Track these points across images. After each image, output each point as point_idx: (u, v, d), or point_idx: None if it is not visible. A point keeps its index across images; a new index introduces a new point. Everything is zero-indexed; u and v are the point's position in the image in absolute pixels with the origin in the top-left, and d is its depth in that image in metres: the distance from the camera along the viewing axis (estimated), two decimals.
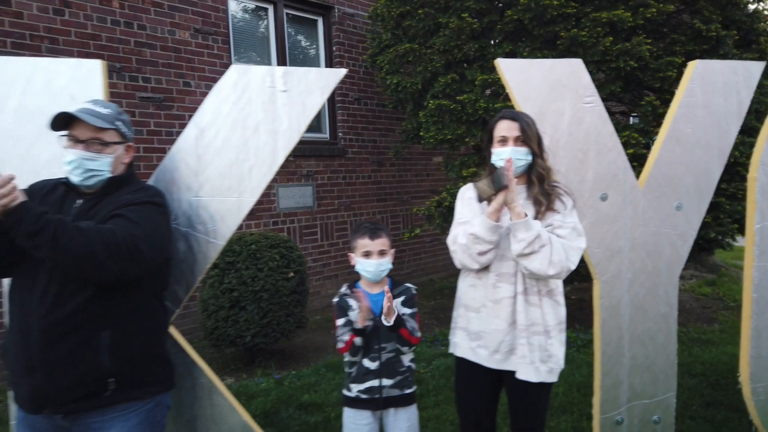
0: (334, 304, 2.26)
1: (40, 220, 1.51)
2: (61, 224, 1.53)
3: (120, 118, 1.84)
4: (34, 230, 1.49)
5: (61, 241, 1.51)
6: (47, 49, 4.31)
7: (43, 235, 1.50)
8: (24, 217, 1.49)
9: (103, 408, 1.70)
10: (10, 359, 1.73)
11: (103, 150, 1.77)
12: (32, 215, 1.50)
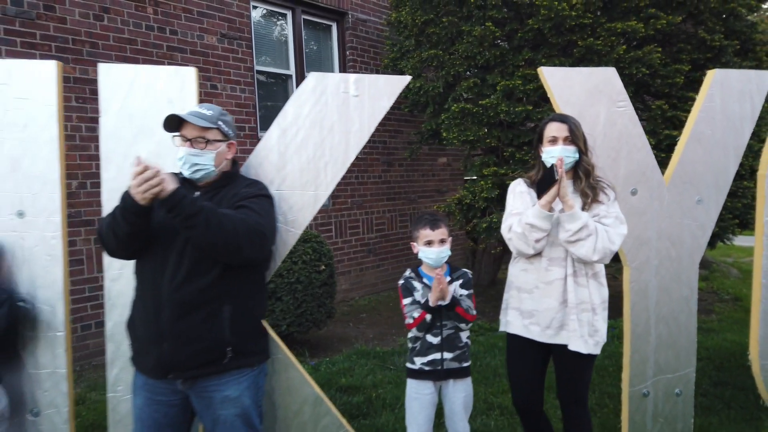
0: (400, 286, 2.51)
1: (196, 205, 1.75)
2: (212, 210, 1.78)
3: (222, 119, 2.06)
4: (191, 213, 1.73)
5: (212, 224, 1.75)
6: (88, 53, 4.51)
7: (198, 218, 1.74)
8: (182, 201, 1.73)
9: (219, 374, 1.94)
10: (138, 330, 1.96)
11: (207, 147, 2.01)
12: (189, 200, 1.75)
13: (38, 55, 4.23)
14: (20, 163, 2.29)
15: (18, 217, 2.31)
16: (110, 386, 2.39)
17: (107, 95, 2.30)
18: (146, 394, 2.00)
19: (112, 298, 2.35)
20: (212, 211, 1.80)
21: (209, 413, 1.97)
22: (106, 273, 2.35)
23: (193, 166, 2.00)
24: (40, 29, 4.24)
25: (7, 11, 4.08)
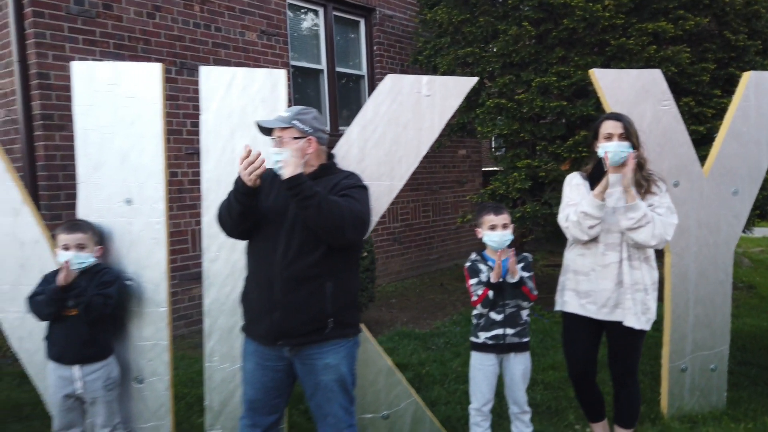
0: (466, 268, 2.76)
1: (312, 189, 2.00)
2: (325, 196, 2.03)
3: (298, 118, 2.24)
4: (308, 195, 1.98)
5: (324, 206, 2.00)
6: (142, 49, 4.73)
7: (313, 200, 1.98)
8: (303, 183, 1.98)
9: (321, 342, 2.19)
10: (251, 302, 2.21)
11: (285, 145, 2.22)
12: (308, 185, 1.99)
13: (98, 52, 4.46)
14: (129, 156, 2.54)
15: (126, 204, 2.56)
16: (207, 357, 2.65)
17: (207, 95, 2.54)
18: (256, 359, 2.25)
19: (210, 277, 2.61)
20: (325, 197, 2.04)
21: (311, 378, 2.23)
22: (204, 255, 2.60)
23: (276, 163, 2.21)
24: (99, 27, 4.47)
25: (70, 10, 4.30)
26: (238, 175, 2.07)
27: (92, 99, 2.51)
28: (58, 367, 2.39)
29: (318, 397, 2.24)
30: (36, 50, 4.15)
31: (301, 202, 2.00)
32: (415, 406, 2.81)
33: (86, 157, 2.53)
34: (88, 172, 2.54)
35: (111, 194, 2.55)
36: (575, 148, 4.59)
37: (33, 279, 2.53)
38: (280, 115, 2.26)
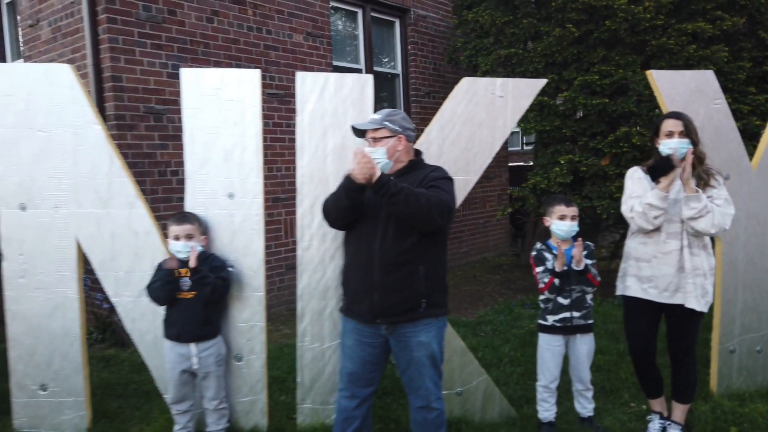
0: (532, 257, 2.99)
1: (398, 186, 2.23)
2: (411, 189, 2.26)
3: (388, 119, 2.48)
4: (395, 191, 2.22)
5: (410, 200, 2.24)
6: (202, 52, 4.99)
7: (399, 196, 2.22)
8: (387, 183, 2.22)
9: (414, 321, 2.43)
10: (352, 285, 2.46)
11: (377, 144, 2.46)
12: (393, 183, 2.23)
13: (164, 55, 4.72)
14: (232, 154, 2.80)
15: (229, 198, 2.82)
16: (299, 337, 2.90)
17: (302, 98, 2.79)
18: (356, 336, 2.50)
19: (303, 264, 2.86)
20: (411, 191, 2.27)
21: (405, 354, 2.47)
22: (299, 244, 2.85)
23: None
24: (164, 32, 4.73)
25: (139, 16, 4.56)
26: (348, 173, 2.31)
27: (199, 102, 2.76)
28: (176, 345, 2.66)
29: (411, 371, 2.49)
30: (110, 54, 4.41)
31: (388, 200, 2.24)
32: (487, 383, 3.06)
33: (193, 155, 2.79)
34: (194, 169, 2.80)
35: (215, 189, 2.80)
36: (616, 143, 4.80)
37: (145, 266, 2.81)
38: (372, 117, 2.50)
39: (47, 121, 2.75)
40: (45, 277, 2.79)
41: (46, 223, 2.78)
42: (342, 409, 2.57)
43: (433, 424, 2.53)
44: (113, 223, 2.80)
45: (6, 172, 2.76)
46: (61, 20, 4.84)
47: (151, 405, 3.26)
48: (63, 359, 2.84)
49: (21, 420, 2.88)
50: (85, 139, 2.76)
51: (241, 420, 2.91)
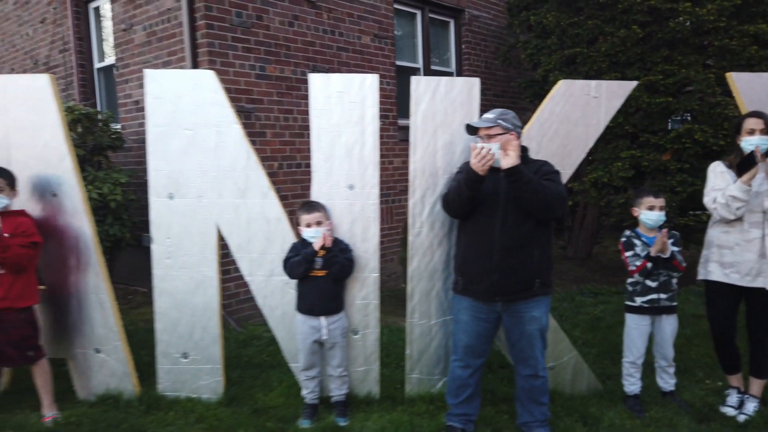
0: (622, 242, 3.27)
1: (528, 176, 2.54)
2: (538, 180, 2.57)
3: (501, 118, 2.76)
4: (527, 180, 2.53)
5: (538, 190, 2.55)
6: (284, 54, 5.34)
7: (530, 185, 2.54)
8: (521, 171, 2.53)
9: (528, 299, 2.74)
10: (470, 266, 2.76)
11: (491, 140, 2.75)
12: (525, 173, 2.53)
13: (252, 58, 5.09)
14: (353, 150, 3.13)
15: (349, 189, 3.15)
16: (409, 314, 3.23)
17: (416, 99, 3.11)
18: (471, 313, 2.82)
19: (414, 248, 3.18)
20: (538, 181, 2.59)
21: (518, 328, 2.79)
22: (410, 230, 3.17)
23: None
24: (253, 36, 5.09)
25: (232, 22, 4.93)
26: (468, 166, 2.62)
27: (326, 104, 3.10)
28: (308, 318, 3.01)
29: (522, 343, 2.80)
30: (208, 58, 4.79)
31: (521, 187, 2.55)
32: (576, 359, 3.35)
33: (319, 151, 3.13)
34: (320, 163, 3.14)
35: (338, 181, 3.14)
36: (678, 139, 5.04)
37: (275, 249, 3.17)
38: (486, 116, 2.80)
39: (193, 120, 3.11)
40: (189, 258, 3.17)
41: (191, 211, 3.15)
42: (456, 377, 2.90)
43: (539, 390, 2.84)
44: (249, 211, 3.16)
45: (157, 165, 3.14)
46: (157, 25, 5.23)
47: (267, 374, 3.63)
48: (203, 331, 3.21)
49: (164, 384, 3.27)
50: (226, 136, 3.12)
51: (356, 388, 3.26)
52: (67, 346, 3.25)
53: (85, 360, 3.24)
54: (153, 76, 3.12)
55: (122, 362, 3.23)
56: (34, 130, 3.13)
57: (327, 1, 5.72)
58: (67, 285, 3.19)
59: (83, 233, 3.14)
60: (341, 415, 3.04)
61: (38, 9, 7.04)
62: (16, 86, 3.14)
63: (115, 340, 3.21)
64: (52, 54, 6.85)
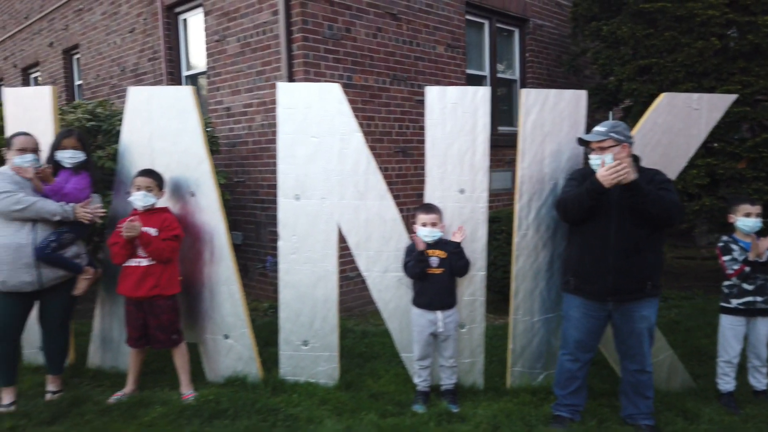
0: (719, 247, 3.43)
1: (646, 189, 2.73)
2: (655, 192, 2.76)
3: (613, 130, 2.93)
4: (645, 194, 2.73)
5: (656, 201, 2.74)
6: (368, 65, 5.63)
7: (648, 198, 2.73)
8: (639, 186, 2.72)
9: (640, 300, 2.93)
10: (585, 268, 2.96)
11: (604, 152, 2.92)
12: (642, 187, 2.73)
13: (341, 68, 5.39)
14: (464, 157, 3.37)
15: (460, 193, 3.40)
16: (513, 311, 3.45)
17: (526, 110, 3.32)
18: (583, 310, 3.02)
19: (520, 249, 3.40)
20: (656, 194, 2.78)
21: (627, 326, 2.98)
22: (517, 231, 3.39)
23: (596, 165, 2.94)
24: (342, 47, 5.39)
25: (324, 34, 5.24)
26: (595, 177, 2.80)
27: (441, 115, 3.35)
28: (425, 312, 3.26)
29: (631, 340, 2.99)
30: (303, 68, 5.11)
31: (638, 200, 2.74)
32: (672, 358, 3.52)
33: (434, 157, 3.38)
34: (434, 169, 3.39)
35: (450, 185, 3.39)
36: (755, 148, 5.14)
37: (391, 247, 3.43)
38: (597, 129, 2.97)
39: (319, 129, 3.41)
40: (312, 254, 3.46)
41: (315, 211, 3.44)
42: (566, 370, 3.10)
43: (645, 384, 3.03)
44: (368, 211, 3.43)
45: (286, 169, 3.44)
46: (251, 37, 5.58)
47: (372, 364, 3.90)
48: (322, 321, 3.50)
49: (285, 369, 3.56)
50: (349, 144, 3.40)
51: (462, 378, 3.49)
52: (199, 331, 3.58)
53: (215, 345, 3.56)
54: (285, 89, 3.43)
55: (248, 348, 3.53)
56: (176, 137, 3.47)
57: (406, 14, 5.99)
58: (201, 276, 3.52)
59: (218, 230, 3.46)
60: (452, 402, 3.28)
61: (127, 20, 7.52)
62: (161, 97, 3.48)
63: (242, 328, 3.52)
64: (141, 62, 7.31)
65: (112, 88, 7.95)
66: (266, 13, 5.37)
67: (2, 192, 3.06)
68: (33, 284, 3.14)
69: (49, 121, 3.56)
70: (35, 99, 3.59)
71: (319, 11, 5.18)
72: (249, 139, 5.73)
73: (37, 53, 10.36)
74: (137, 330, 3.31)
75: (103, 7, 8.00)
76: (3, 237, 3.08)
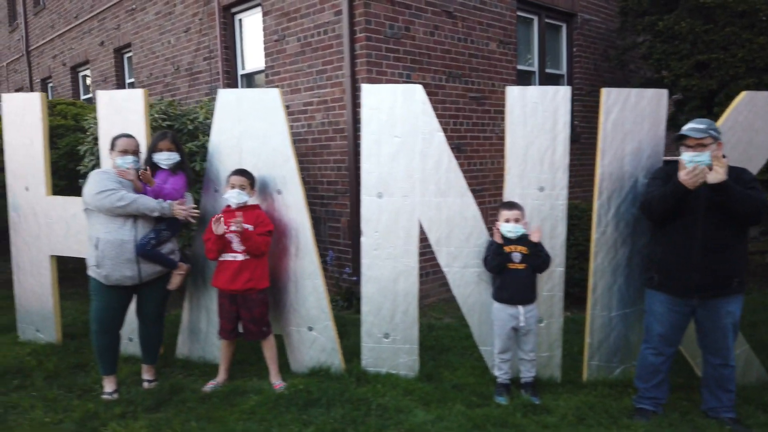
0: None
1: (735, 188, 2.78)
2: (743, 191, 2.79)
3: (710, 129, 2.94)
4: (733, 194, 2.78)
5: (745, 201, 2.78)
6: (426, 62, 5.72)
7: (736, 197, 2.78)
8: (729, 187, 2.77)
9: (726, 296, 2.98)
10: (669, 264, 3.02)
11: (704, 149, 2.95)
12: (731, 187, 2.77)
13: (401, 66, 5.49)
14: (544, 155, 3.45)
15: (539, 191, 3.47)
16: (591, 306, 3.52)
17: (607, 109, 3.38)
18: (667, 305, 3.08)
19: (599, 245, 3.46)
20: (744, 193, 2.82)
21: (712, 321, 3.04)
22: (596, 228, 3.45)
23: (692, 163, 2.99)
24: (402, 46, 5.49)
25: (386, 33, 5.34)
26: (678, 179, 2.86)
27: (522, 115, 3.43)
28: (507, 307, 3.36)
29: (716, 335, 3.05)
30: (366, 67, 5.22)
31: (727, 199, 2.79)
32: (747, 352, 3.56)
33: (514, 156, 3.47)
34: (513, 167, 3.48)
35: (530, 183, 3.47)
36: None
37: (471, 244, 3.53)
38: (696, 127, 2.95)
39: (402, 128, 3.51)
40: (393, 250, 3.58)
41: (397, 208, 3.56)
42: (649, 364, 3.18)
43: (728, 378, 3.09)
44: (449, 209, 3.53)
45: (369, 168, 3.56)
46: (312, 37, 5.71)
47: (446, 356, 4.01)
48: (403, 315, 3.62)
49: (367, 360, 3.70)
50: (430, 143, 3.50)
51: (540, 371, 3.58)
52: (284, 323, 3.74)
53: (300, 336, 3.72)
54: (370, 90, 3.54)
55: (331, 340, 3.67)
56: (264, 137, 3.61)
57: (461, 11, 6.05)
58: (287, 271, 3.67)
59: (303, 226, 3.60)
60: (533, 395, 3.38)
61: (182, 20, 7.71)
62: (250, 98, 3.63)
63: (326, 320, 3.66)
64: (196, 61, 7.50)
65: (166, 87, 8.17)
66: (328, 14, 5.49)
67: (108, 189, 3.23)
68: (133, 278, 3.31)
69: (141, 122, 3.73)
70: (128, 101, 3.76)
71: (381, 11, 5.28)
72: (309, 136, 5.87)
73: (87, 52, 10.67)
74: (230, 322, 3.47)
75: (157, 7, 8.21)
76: (107, 233, 3.26)
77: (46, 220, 4.08)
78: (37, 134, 4.04)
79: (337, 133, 5.58)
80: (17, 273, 4.25)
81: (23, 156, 4.10)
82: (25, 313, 4.28)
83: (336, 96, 5.53)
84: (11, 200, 4.19)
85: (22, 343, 4.24)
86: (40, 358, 3.87)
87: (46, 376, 3.61)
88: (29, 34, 13.56)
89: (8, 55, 15.14)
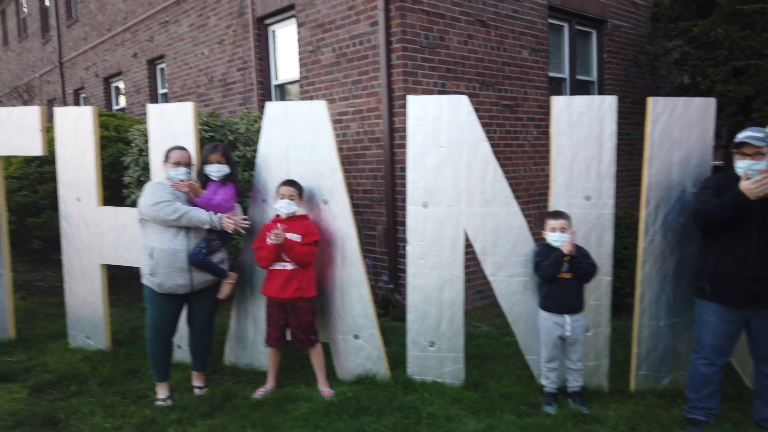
0: None
1: None
2: None
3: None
4: None
5: None
6: (460, 71, 5.76)
7: None
8: None
9: None
10: (723, 274, 3.00)
11: (762, 158, 2.93)
12: None
13: (436, 76, 5.54)
14: (590, 165, 3.46)
15: (586, 200, 3.48)
16: (638, 316, 3.51)
17: (654, 118, 3.39)
18: (720, 315, 3.06)
19: (646, 254, 3.46)
20: None
21: (766, 331, 3.01)
22: (644, 237, 3.45)
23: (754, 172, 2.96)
24: (436, 56, 5.54)
25: (421, 43, 5.39)
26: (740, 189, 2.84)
27: (567, 124, 3.45)
28: (553, 315, 3.37)
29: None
30: (402, 77, 5.28)
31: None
32: None
33: (560, 165, 3.48)
34: (559, 177, 3.49)
35: (576, 192, 3.48)
36: None
37: (517, 253, 3.55)
38: (755, 135, 2.91)
39: (447, 138, 3.55)
40: (439, 259, 3.61)
41: (442, 218, 3.59)
42: (700, 374, 3.15)
43: None
44: (494, 218, 3.56)
45: (415, 178, 3.60)
46: (347, 47, 5.79)
47: (490, 365, 4.02)
48: (448, 323, 3.65)
49: (413, 369, 3.73)
50: (476, 153, 3.54)
51: (587, 381, 3.58)
52: (330, 331, 3.79)
53: (346, 344, 3.76)
54: (415, 101, 3.59)
55: (377, 348, 3.72)
56: (312, 148, 3.68)
57: (494, 20, 6.09)
58: (333, 279, 3.72)
59: (349, 235, 3.66)
60: (581, 404, 3.37)
61: (215, 31, 7.87)
62: (297, 111, 3.70)
63: (371, 328, 3.70)
64: (230, 72, 7.64)
65: (199, 97, 8.33)
66: (364, 24, 5.57)
67: (163, 201, 3.32)
68: (186, 287, 3.40)
69: (190, 134, 3.82)
70: (177, 114, 3.87)
71: (416, 21, 5.34)
72: (344, 146, 5.94)
73: (119, 63, 10.92)
74: (278, 330, 3.53)
75: (191, 19, 8.38)
76: (161, 243, 3.35)
77: (97, 229, 4.20)
78: (89, 147, 4.16)
79: (372, 142, 5.64)
80: (68, 281, 4.38)
81: (75, 168, 4.22)
82: (75, 320, 4.40)
83: (372, 105, 5.59)
84: (63, 211, 4.32)
85: (74, 349, 4.35)
86: (94, 365, 3.98)
87: (101, 383, 3.70)
88: (62, 45, 13.92)
89: (41, 66, 15.55)
